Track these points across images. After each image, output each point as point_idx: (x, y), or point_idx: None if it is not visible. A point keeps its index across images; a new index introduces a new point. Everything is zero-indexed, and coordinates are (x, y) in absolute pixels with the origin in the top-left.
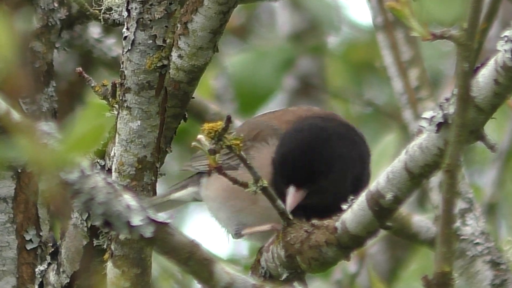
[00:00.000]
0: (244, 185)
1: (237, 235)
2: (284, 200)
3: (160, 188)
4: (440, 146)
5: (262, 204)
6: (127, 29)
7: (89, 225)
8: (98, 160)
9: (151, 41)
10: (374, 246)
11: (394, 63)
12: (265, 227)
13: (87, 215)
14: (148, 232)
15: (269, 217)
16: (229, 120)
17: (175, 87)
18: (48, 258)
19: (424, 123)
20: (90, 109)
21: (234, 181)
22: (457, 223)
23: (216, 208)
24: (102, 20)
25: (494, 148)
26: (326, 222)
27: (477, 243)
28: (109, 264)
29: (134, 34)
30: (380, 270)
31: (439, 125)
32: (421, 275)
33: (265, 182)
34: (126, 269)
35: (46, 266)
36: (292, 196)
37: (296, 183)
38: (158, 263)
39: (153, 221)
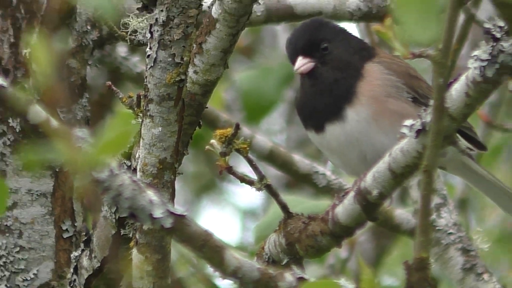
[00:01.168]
0: (251, 182)
1: None
2: None
3: (177, 185)
4: (419, 149)
5: None
6: (150, 48)
7: (117, 217)
8: (125, 161)
9: (170, 59)
10: (362, 235)
11: None
12: None
13: (115, 208)
14: (168, 223)
15: None
16: (237, 127)
17: (191, 99)
18: (82, 245)
19: (405, 130)
20: (118, 117)
21: (242, 179)
22: (433, 216)
23: None
24: (128, 41)
25: (465, 151)
26: (321, 215)
27: (450, 233)
28: (134, 251)
29: (156, 53)
30: (367, 256)
31: (418, 132)
32: (403, 260)
33: (269, 180)
34: (149, 255)
35: (80, 252)
36: (300, 61)
37: (302, 54)
38: (177, 249)
39: (172, 214)
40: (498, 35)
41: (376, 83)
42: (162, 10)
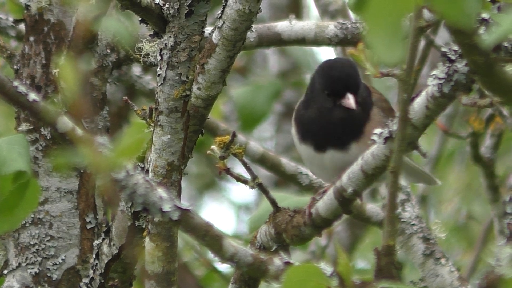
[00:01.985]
0: (245, 181)
1: None
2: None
3: (183, 184)
4: (386, 154)
5: None
6: (160, 69)
7: (132, 211)
8: (139, 164)
9: (177, 78)
10: (338, 226)
11: None
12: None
13: (131, 204)
14: (175, 216)
15: None
16: (234, 135)
17: (195, 111)
18: (102, 234)
19: (375, 137)
20: (133, 127)
21: (238, 179)
22: (399, 210)
23: None
24: (142, 62)
25: (425, 155)
26: (303, 209)
27: (413, 224)
28: (147, 239)
29: (165, 73)
30: (343, 243)
31: (386, 139)
32: (373, 247)
33: (260, 180)
34: (159, 243)
35: (101, 241)
36: (352, 98)
37: (351, 91)
38: (183, 238)
39: (179, 208)
40: (453, 57)
41: (375, 126)
42: (170, 36)
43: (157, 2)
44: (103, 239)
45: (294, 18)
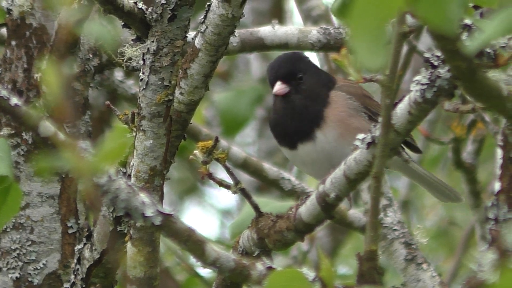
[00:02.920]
0: (228, 186)
1: None
2: None
3: (165, 189)
4: (369, 159)
5: None
6: (143, 73)
7: (114, 216)
8: (121, 168)
9: (160, 82)
10: (321, 231)
11: None
12: None
13: (113, 208)
14: (157, 221)
15: None
16: (216, 140)
17: (177, 116)
18: (84, 239)
19: (358, 142)
20: (115, 132)
21: (220, 184)
22: (381, 215)
23: None
24: (124, 67)
25: (408, 160)
26: (286, 214)
27: (395, 229)
28: (129, 244)
29: (148, 77)
30: (325, 248)
31: (369, 144)
32: (355, 252)
33: (243, 185)
34: (141, 248)
35: (82, 246)
36: (278, 85)
37: (281, 80)
38: (165, 243)
39: (161, 213)
40: (436, 63)
41: (340, 108)
42: (153, 41)
43: (140, 7)
44: (85, 244)
45: (277, 23)
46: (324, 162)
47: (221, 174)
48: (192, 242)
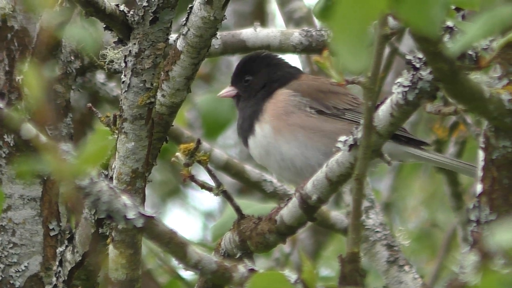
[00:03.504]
0: (210, 189)
1: None
2: None
3: (147, 191)
4: (351, 161)
5: None
6: (125, 76)
7: (96, 218)
8: (103, 171)
9: (142, 85)
10: (303, 233)
11: None
12: None
13: (94, 211)
14: (139, 223)
15: None
16: (198, 142)
17: (159, 118)
18: (66, 242)
19: (339, 145)
20: (97, 134)
21: (202, 186)
22: (363, 217)
23: None
24: (106, 69)
25: (389, 162)
26: (268, 216)
27: (377, 231)
28: (111, 247)
29: (130, 80)
30: (307, 250)
31: (351, 146)
32: (337, 254)
33: (225, 187)
34: (123, 250)
35: (64, 248)
36: (224, 89)
37: (231, 83)
38: (146, 245)
39: (143, 215)
40: (418, 65)
41: (278, 104)
42: (135, 44)
43: (121, 9)
44: (67, 246)
45: (259, 26)
46: (268, 158)
47: (203, 176)
48: (174, 244)
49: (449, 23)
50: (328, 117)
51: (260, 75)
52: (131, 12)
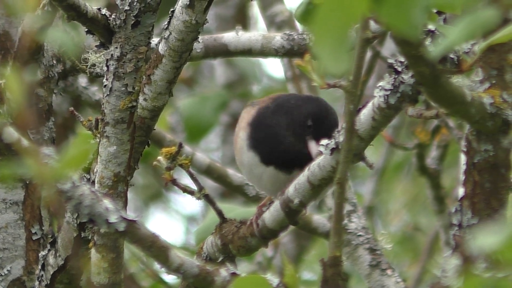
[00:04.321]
0: (191, 192)
1: None
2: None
3: (129, 195)
4: (333, 165)
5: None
6: (106, 79)
7: (78, 222)
8: (85, 175)
9: (124, 88)
10: (285, 237)
11: None
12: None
13: (76, 215)
14: (121, 227)
15: None
16: (180, 146)
17: (141, 122)
18: (48, 246)
19: (321, 148)
20: (79, 138)
21: (184, 190)
22: (345, 221)
23: None
24: (88, 73)
25: (372, 166)
26: (250, 220)
27: (360, 235)
28: (93, 251)
29: (112, 83)
30: (289, 254)
31: (332, 150)
32: (319, 258)
33: (207, 191)
34: (105, 254)
35: (46, 252)
36: (315, 147)
37: (321, 138)
38: (129, 249)
39: (125, 219)
40: (399, 69)
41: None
42: (116, 47)
43: (103, 13)
44: (49, 250)
45: (240, 29)
46: None
47: (185, 180)
48: (156, 248)
49: (431, 26)
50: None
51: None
52: (113, 16)
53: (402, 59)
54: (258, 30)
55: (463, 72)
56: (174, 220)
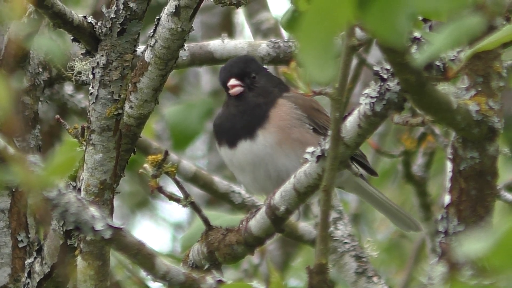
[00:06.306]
0: (177, 200)
1: None
2: None
3: (115, 202)
4: (319, 172)
5: None
6: (92, 87)
7: (64, 230)
8: (71, 182)
9: (109, 96)
10: (271, 244)
11: None
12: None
13: (63, 222)
14: (107, 234)
15: None
16: (166, 153)
17: (127, 129)
18: (34, 253)
19: (307, 155)
20: (65, 145)
21: (170, 197)
22: (331, 228)
23: None
24: (74, 81)
25: (357, 174)
26: (236, 227)
27: (346, 242)
28: (79, 258)
29: (98, 91)
30: (275, 262)
31: (318, 157)
32: (305, 265)
33: (193, 198)
34: (91, 262)
35: (33, 259)
36: (233, 81)
37: (235, 77)
38: (115, 256)
39: (111, 227)
40: (385, 76)
41: (284, 116)
42: (102, 55)
43: (89, 21)
44: (35, 257)
45: (226, 37)
46: (258, 167)
47: (172, 187)
48: (142, 256)
49: (416, 34)
50: (320, 136)
51: (262, 75)
52: (98, 24)
53: (388, 67)
54: (244, 38)
55: (449, 79)
56: (161, 228)
